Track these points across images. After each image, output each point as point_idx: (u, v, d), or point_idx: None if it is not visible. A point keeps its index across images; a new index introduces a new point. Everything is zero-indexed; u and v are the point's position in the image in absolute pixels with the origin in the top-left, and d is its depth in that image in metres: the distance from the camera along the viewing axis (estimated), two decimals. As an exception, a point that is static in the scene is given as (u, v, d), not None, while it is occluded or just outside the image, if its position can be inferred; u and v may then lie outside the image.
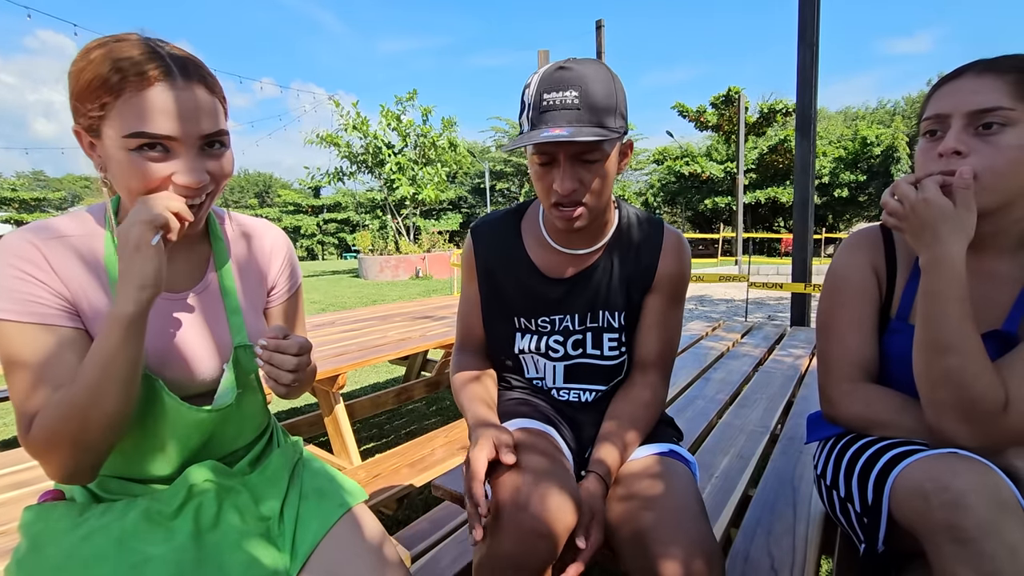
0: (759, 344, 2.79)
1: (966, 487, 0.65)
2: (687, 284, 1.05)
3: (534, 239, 1.05)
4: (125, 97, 0.64)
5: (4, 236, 0.69)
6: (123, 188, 0.70)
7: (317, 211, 44.34)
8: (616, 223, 1.03)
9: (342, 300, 9.21)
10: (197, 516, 0.76)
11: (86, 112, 0.66)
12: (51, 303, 0.69)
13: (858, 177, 24.34)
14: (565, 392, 1.08)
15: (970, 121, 0.77)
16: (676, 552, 0.76)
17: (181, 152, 0.68)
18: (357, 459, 2.07)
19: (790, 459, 1.43)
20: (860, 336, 0.92)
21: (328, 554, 0.79)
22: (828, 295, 0.97)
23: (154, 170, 0.67)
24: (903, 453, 0.77)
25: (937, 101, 0.81)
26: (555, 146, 0.83)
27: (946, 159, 0.78)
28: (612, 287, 1.02)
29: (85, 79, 0.65)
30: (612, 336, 1.03)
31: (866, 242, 0.97)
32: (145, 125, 0.65)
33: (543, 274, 1.03)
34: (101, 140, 0.68)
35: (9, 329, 0.66)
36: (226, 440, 0.85)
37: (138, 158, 0.66)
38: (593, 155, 0.85)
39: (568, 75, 0.82)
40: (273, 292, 0.93)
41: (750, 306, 7.44)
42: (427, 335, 2.52)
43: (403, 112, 15.31)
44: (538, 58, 7.31)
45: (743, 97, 18.25)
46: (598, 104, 0.82)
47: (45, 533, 0.72)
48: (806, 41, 3.70)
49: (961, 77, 0.80)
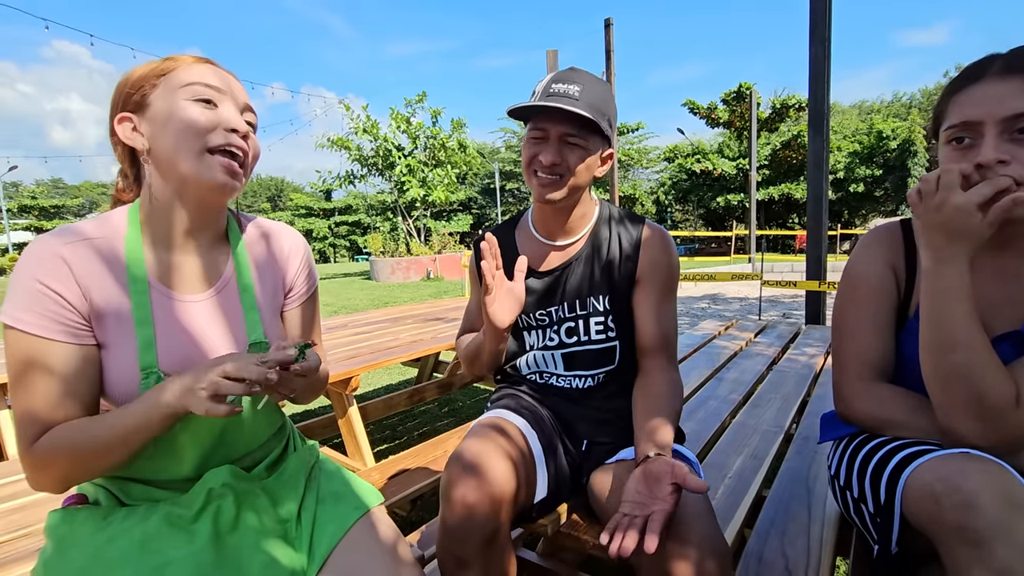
0: (773, 343, 2.76)
1: (977, 487, 0.65)
2: (675, 275, 1.10)
3: (525, 237, 1.16)
4: (179, 70, 0.77)
5: (33, 242, 0.71)
6: (173, 137, 0.75)
7: (329, 214, 44.72)
8: (596, 217, 1.12)
9: (354, 302, 9.28)
10: (216, 519, 0.77)
11: (139, 92, 0.77)
12: (68, 320, 0.71)
13: (874, 172, 23.94)
14: (564, 379, 1.13)
15: (1005, 127, 0.75)
16: (687, 550, 0.78)
17: (225, 106, 0.78)
18: (371, 461, 2.08)
19: (805, 459, 1.42)
20: (875, 335, 0.92)
21: (345, 556, 0.80)
22: (844, 293, 0.97)
23: (207, 113, 0.76)
24: (915, 453, 0.76)
25: (963, 108, 0.78)
26: (550, 122, 0.98)
27: (987, 170, 0.75)
28: (595, 273, 1.09)
29: (140, 72, 0.77)
30: (598, 320, 1.09)
31: (884, 240, 0.95)
32: (204, 79, 0.77)
33: (534, 269, 1.12)
34: (148, 110, 0.76)
35: (24, 340, 0.69)
36: (241, 440, 0.86)
37: (191, 104, 0.76)
38: (578, 139, 0.98)
39: (574, 75, 0.99)
40: (291, 294, 0.95)
41: (764, 304, 7.37)
42: (439, 337, 2.53)
43: (413, 114, 15.38)
44: (547, 58, 7.31)
45: (755, 93, 18.06)
46: (595, 103, 0.97)
47: (70, 536, 0.74)
48: (818, 36, 3.66)
49: (983, 80, 0.77)
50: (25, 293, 0.69)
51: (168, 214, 0.79)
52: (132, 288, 0.76)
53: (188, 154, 0.74)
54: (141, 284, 0.77)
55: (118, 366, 0.75)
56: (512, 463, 0.91)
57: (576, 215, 1.09)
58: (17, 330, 0.69)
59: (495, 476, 0.86)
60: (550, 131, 0.98)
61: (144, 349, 0.75)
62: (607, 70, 7.56)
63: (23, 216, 36.81)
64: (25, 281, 0.69)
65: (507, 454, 0.92)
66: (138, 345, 0.75)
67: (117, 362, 0.75)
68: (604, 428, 1.10)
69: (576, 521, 1.07)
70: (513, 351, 1.17)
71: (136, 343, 0.75)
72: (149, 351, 0.76)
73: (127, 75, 0.79)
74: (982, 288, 0.84)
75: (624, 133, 31.10)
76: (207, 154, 0.75)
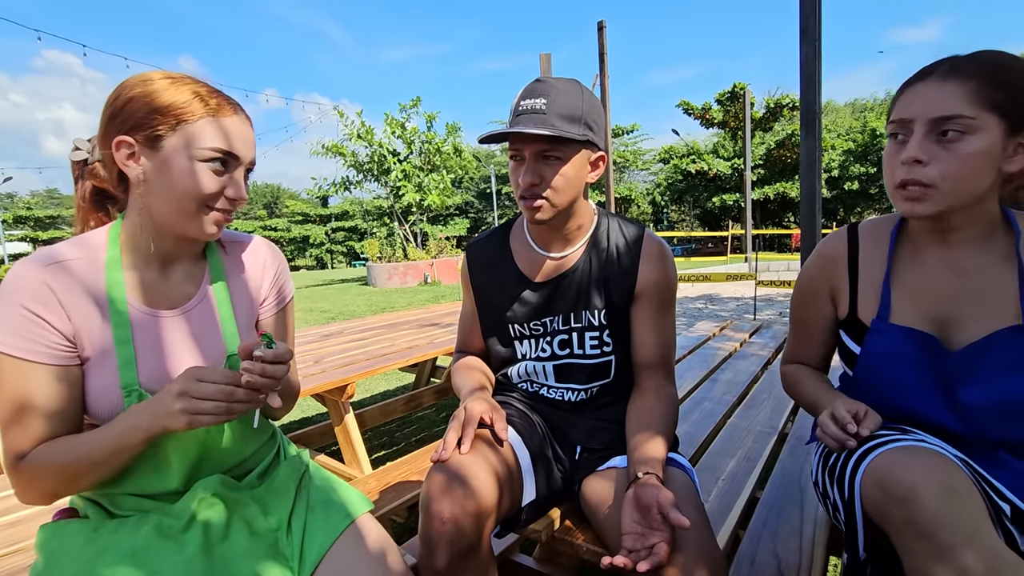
0: (767, 343, 2.77)
1: (915, 480, 0.66)
2: (674, 290, 1.09)
3: (520, 245, 1.13)
4: (202, 124, 0.75)
5: (15, 267, 0.72)
6: (175, 192, 0.75)
7: (325, 220, 44.66)
8: (594, 227, 1.10)
9: (352, 309, 9.26)
10: (207, 529, 0.78)
11: (153, 126, 0.74)
12: (52, 343, 0.72)
13: (868, 169, 24.07)
14: (555, 391, 1.12)
15: (931, 128, 0.77)
16: (679, 560, 0.78)
17: (236, 172, 0.80)
18: (368, 468, 2.08)
19: (797, 459, 1.42)
20: (803, 337, 1.09)
21: (335, 563, 0.80)
22: (793, 295, 1.10)
23: (215, 181, 0.77)
24: (868, 450, 0.77)
25: (902, 105, 0.82)
26: (521, 142, 0.96)
27: (908, 167, 0.79)
28: (591, 287, 1.07)
29: (165, 99, 0.74)
30: (593, 335, 1.07)
31: (826, 257, 1.01)
32: (225, 143, 0.77)
33: (529, 279, 1.10)
34: (156, 151, 0.74)
35: (9, 364, 0.70)
36: (229, 451, 0.87)
37: (205, 167, 0.76)
38: (554, 153, 0.95)
39: (541, 87, 0.95)
40: (263, 305, 0.95)
41: (760, 303, 7.38)
42: (435, 342, 2.53)
43: (407, 119, 15.39)
44: (540, 62, 7.33)
45: (748, 93, 18.12)
46: (565, 112, 0.94)
47: (61, 550, 0.75)
48: (808, 37, 3.69)
49: (926, 80, 0.79)
50: (10, 318, 0.70)
51: (150, 238, 0.80)
52: (112, 308, 0.77)
53: (183, 212, 0.76)
54: (121, 304, 0.78)
55: (100, 384, 0.76)
56: (494, 473, 0.90)
57: (572, 226, 1.06)
58: (2, 353, 0.70)
59: (475, 488, 0.85)
60: (524, 151, 0.96)
61: (124, 367, 0.76)
62: (600, 73, 7.58)
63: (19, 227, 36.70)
64: (9, 307, 0.70)
65: (489, 464, 0.91)
66: (118, 364, 0.76)
67: (99, 381, 0.76)
68: (596, 435, 1.10)
69: (569, 526, 1.07)
70: (505, 360, 1.16)
71: (117, 361, 0.76)
72: (130, 369, 0.77)
73: (137, 90, 0.74)
74: (936, 282, 0.87)
75: (619, 135, 31.11)
76: (203, 209, 0.77)
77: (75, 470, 0.73)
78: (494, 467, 0.91)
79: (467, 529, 0.83)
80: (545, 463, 1.05)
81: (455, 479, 0.86)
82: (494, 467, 0.91)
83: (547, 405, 1.13)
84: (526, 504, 0.99)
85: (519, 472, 0.99)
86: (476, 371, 1.15)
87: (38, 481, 0.73)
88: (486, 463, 0.91)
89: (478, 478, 0.87)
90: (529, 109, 0.93)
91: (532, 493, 1.00)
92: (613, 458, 1.05)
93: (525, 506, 0.99)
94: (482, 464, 0.90)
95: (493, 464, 0.92)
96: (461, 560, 0.84)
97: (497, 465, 0.92)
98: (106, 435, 0.72)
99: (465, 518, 0.83)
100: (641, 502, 0.84)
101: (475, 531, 0.84)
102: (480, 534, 0.86)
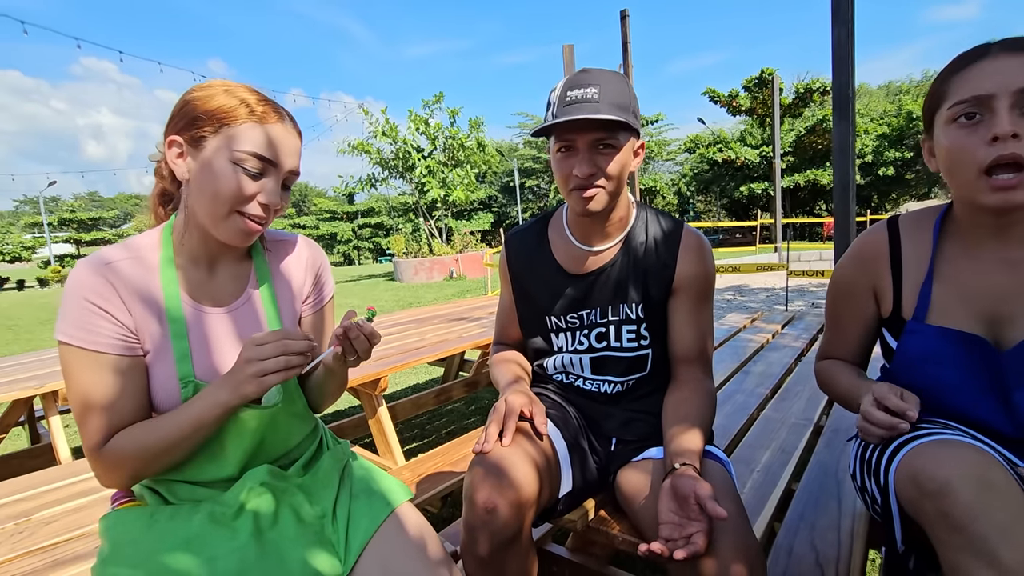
0: (800, 335, 2.72)
1: (948, 474, 0.65)
2: (712, 284, 1.08)
3: (559, 239, 1.13)
4: (244, 127, 0.78)
5: (77, 266, 0.77)
6: (210, 192, 0.78)
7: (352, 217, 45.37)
8: (633, 220, 1.10)
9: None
10: (257, 517, 0.81)
11: (199, 127, 0.77)
12: (118, 334, 0.77)
13: (904, 154, 23.14)
14: (591, 383, 1.13)
15: (1016, 100, 0.72)
16: (717, 551, 0.78)
17: (271, 178, 0.81)
18: (401, 459, 2.13)
19: (834, 452, 1.40)
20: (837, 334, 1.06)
21: (378, 549, 0.84)
22: (828, 291, 1.07)
23: (248, 185, 0.78)
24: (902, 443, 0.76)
25: (972, 83, 0.76)
26: (575, 133, 0.93)
27: (1002, 143, 0.72)
28: (629, 280, 1.07)
29: (214, 104, 0.78)
30: (631, 328, 1.08)
31: (867, 254, 0.96)
32: (263, 148, 0.78)
33: (567, 272, 1.10)
34: (199, 151, 0.78)
35: (81, 355, 0.74)
36: (277, 441, 0.91)
37: (239, 171, 0.78)
38: (609, 141, 0.94)
39: (589, 76, 0.94)
40: (307, 301, 0.99)
41: (791, 294, 7.22)
42: (463, 336, 2.57)
43: (431, 115, 15.49)
44: (563, 53, 7.27)
45: (777, 78, 17.63)
46: (615, 100, 0.93)
47: (123, 536, 0.79)
48: (840, 18, 3.57)
49: (990, 57, 0.75)
50: (76, 312, 0.74)
51: (200, 238, 0.84)
52: (167, 304, 0.81)
53: (216, 214, 0.79)
54: (174, 300, 0.82)
55: (160, 376, 0.80)
56: (535, 465, 0.92)
57: (614, 219, 1.06)
58: (73, 346, 0.74)
59: (517, 479, 0.87)
60: (577, 141, 0.94)
61: (181, 360, 0.81)
62: (624, 62, 7.48)
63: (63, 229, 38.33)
64: (75, 301, 0.74)
65: (530, 456, 0.93)
66: (175, 357, 0.81)
67: (159, 373, 0.80)
68: (632, 427, 1.11)
69: (604, 517, 1.08)
70: (542, 351, 1.18)
71: (174, 355, 0.81)
72: (186, 362, 0.81)
73: (195, 94, 0.79)
74: (988, 278, 0.83)
75: (644, 125, 30.69)
76: (234, 214, 0.79)
77: (155, 451, 0.77)
78: (534, 459, 0.93)
79: (509, 518, 0.85)
80: (581, 454, 1.07)
81: (497, 470, 0.88)
82: (534, 459, 0.93)
83: (582, 397, 1.15)
84: (563, 495, 1.01)
85: (557, 463, 1.01)
86: (514, 364, 1.17)
87: (120, 466, 0.78)
88: (526, 455, 0.93)
89: (519, 469, 0.89)
90: (581, 99, 0.92)
91: (569, 484, 1.02)
92: (648, 449, 1.06)
93: (562, 497, 1.01)
94: (523, 456, 0.92)
95: (533, 456, 0.93)
96: (503, 548, 0.86)
97: (537, 457, 0.94)
98: (186, 414, 0.77)
99: (507, 508, 0.85)
100: (679, 492, 0.84)
101: (516, 520, 0.86)
102: (521, 524, 0.88)
